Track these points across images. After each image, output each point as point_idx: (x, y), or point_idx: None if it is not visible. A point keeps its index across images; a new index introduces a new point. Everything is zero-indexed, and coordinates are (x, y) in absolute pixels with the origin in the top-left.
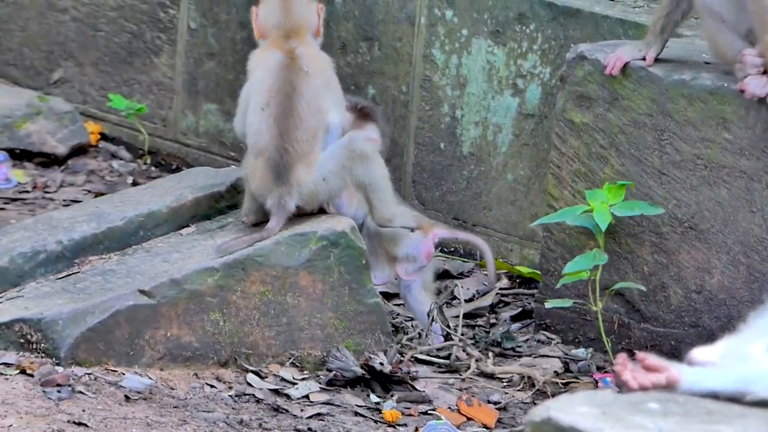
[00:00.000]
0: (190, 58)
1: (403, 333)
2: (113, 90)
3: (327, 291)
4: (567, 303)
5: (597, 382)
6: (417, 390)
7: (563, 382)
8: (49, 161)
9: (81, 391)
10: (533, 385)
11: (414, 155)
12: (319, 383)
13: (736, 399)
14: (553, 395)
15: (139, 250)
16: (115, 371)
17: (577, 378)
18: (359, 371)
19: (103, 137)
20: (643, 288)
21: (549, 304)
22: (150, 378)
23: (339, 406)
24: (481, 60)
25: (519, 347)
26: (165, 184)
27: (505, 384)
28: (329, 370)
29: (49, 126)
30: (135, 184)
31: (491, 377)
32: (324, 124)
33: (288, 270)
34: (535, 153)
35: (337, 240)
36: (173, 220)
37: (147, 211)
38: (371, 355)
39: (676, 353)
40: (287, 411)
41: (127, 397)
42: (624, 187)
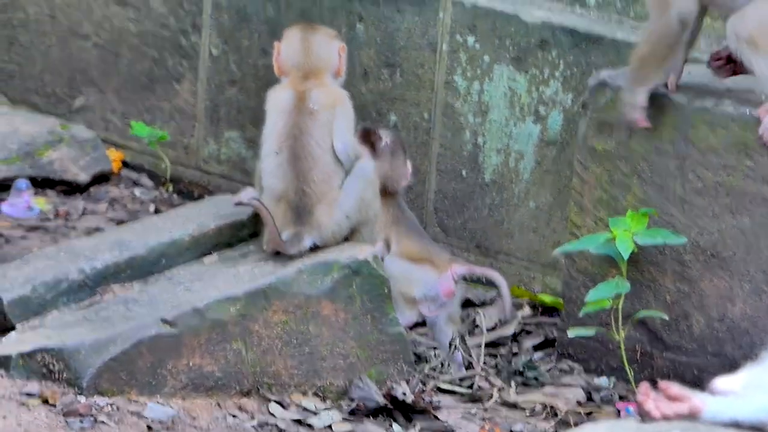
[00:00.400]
0: (211, 84)
1: (426, 362)
2: (135, 117)
3: (349, 320)
4: (590, 332)
5: (620, 411)
6: (439, 420)
7: (586, 411)
8: (71, 189)
9: (103, 421)
10: (556, 415)
11: (436, 182)
12: (342, 413)
13: (758, 428)
14: (576, 424)
15: (162, 278)
16: (138, 401)
17: (600, 407)
18: (382, 401)
19: (125, 165)
20: (666, 317)
21: (571, 332)
22: (172, 408)
23: None
24: (503, 87)
25: (541, 376)
26: (187, 212)
27: (528, 413)
28: (351, 399)
29: (71, 153)
30: (157, 212)
31: (514, 406)
32: (339, 162)
33: (310, 299)
34: (557, 180)
35: (360, 268)
36: (195, 248)
37: (169, 240)
38: (394, 385)
39: (698, 382)
40: None
41: (150, 427)
42: (647, 215)
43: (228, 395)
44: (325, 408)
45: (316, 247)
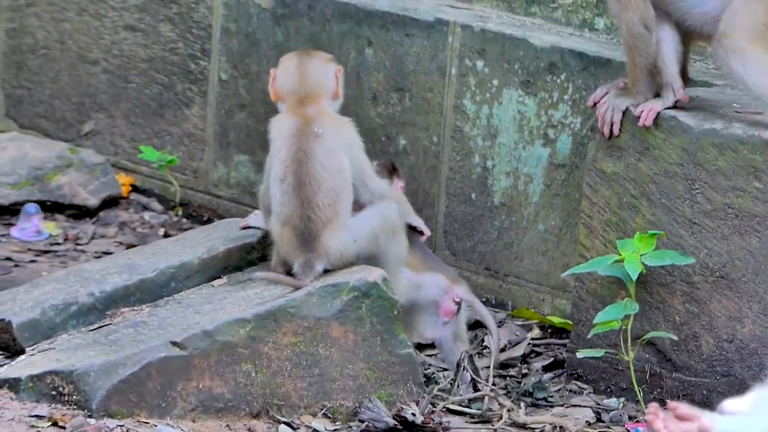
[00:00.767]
0: (221, 109)
1: (435, 383)
2: (144, 142)
3: (359, 342)
4: (599, 353)
5: (629, 431)
6: None
7: None
8: (81, 213)
9: None
10: None
11: (445, 206)
12: None
13: None
14: None
15: (171, 301)
16: (147, 423)
17: (609, 428)
18: (391, 422)
19: (135, 189)
20: (675, 337)
21: (581, 354)
22: (182, 430)
23: None
24: (512, 110)
25: (551, 397)
26: (196, 235)
27: None
28: (361, 420)
29: (81, 178)
30: (167, 235)
31: (523, 427)
32: (347, 183)
33: (320, 321)
34: (567, 203)
35: (369, 291)
36: (205, 271)
37: (179, 263)
38: (403, 406)
39: (707, 403)
40: None
41: None
42: (655, 237)
43: (238, 417)
44: (335, 429)
45: (325, 270)
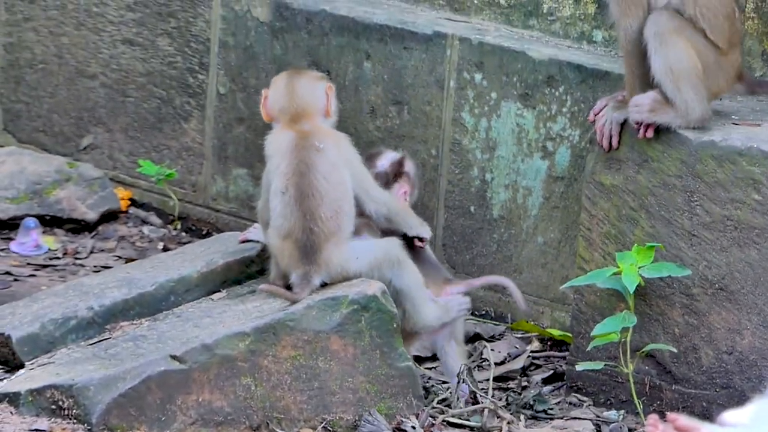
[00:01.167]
0: (219, 123)
1: (435, 396)
2: (143, 156)
3: (358, 355)
4: (598, 365)
5: None
6: None
7: None
8: (80, 227)
9: None
10: None
11: (444, 219)
12: None
13: None
14: None
15: (170, 315)
16: None
17: None
18: None
19: (133, 203)
20: (674, 349)
21: (580, 366)
22: None
23: None
24: (511, 123)
25: (551, 410)
26: (195, 249)
27: None
28: None
29: (79, 192)
30: (165, 249)
31: None
32: (349, 196)
33: (319, 334)
34: (565, 216)
35: (368, 304)
36: (204, 285)
37: (178, 277)
38: (403, 419)
39: (707, 415)
40: None
41: None
42: (653, 249)
43: (237, 430)
44: None
45: (324, 284)
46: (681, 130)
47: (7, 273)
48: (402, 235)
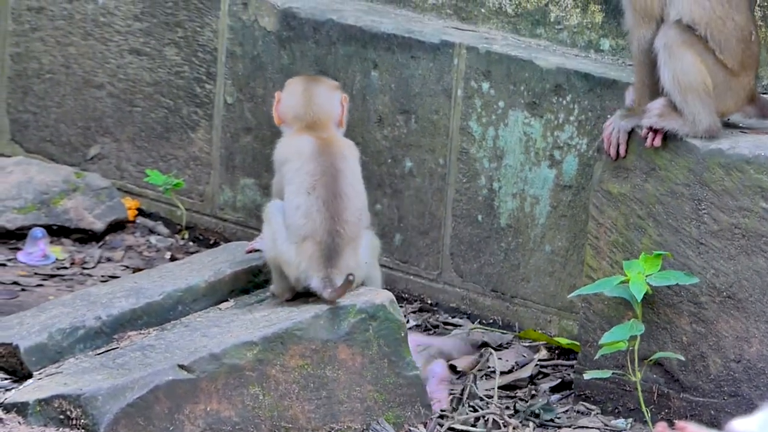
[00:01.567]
0: (226, 132)
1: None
2: (150, 165)
3: (366, 364)
4: (606, 374)
5: None
6: None
7: None
8: (87, 237)
9: None
10: None
11: (452, 227)
12: None
13: None
14: None
15: (178, 325)
16: None
17: None
18: None
19: (141, 213)
20: (682, 358)
21: (588, 375)
22: None
23: None
24: (518, 132)
25: (558, 418)
26: (203, 258)
27: None
28: None
29: (87, 202)
30: (173, 259)
31: None
32: (366, 205)
33: (327, 343)
34: (573, 224)
35: (376, 313)
36: (212, 294)
37: (185, 286)
38: (411, 428)
39: (715, 423)
40: None
41: None
42: (660, 257)
43: None
44: None
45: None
46: (689, 138)
47: (15, 283)
48: None
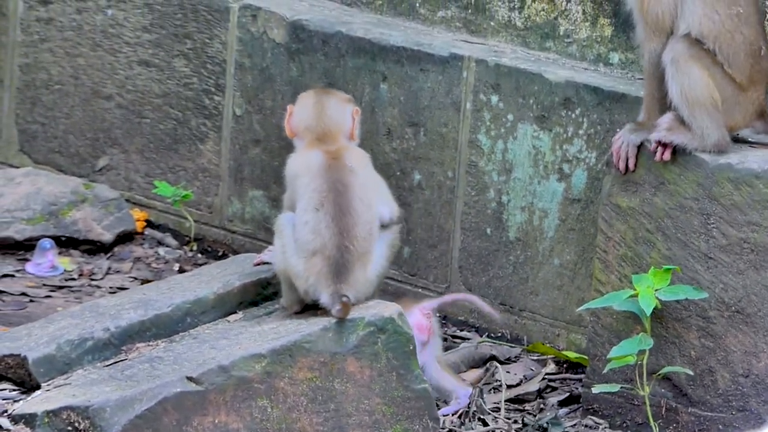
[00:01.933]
0: (235, 144)
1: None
2: (159, 177)
3: (375, 377)
4: (614, 388)
5: None
6: None
7: None
8: (95, 248)
9: None
10: None
11: (460, 240)
12: None
13: None
14: None
15: (187, 336)
16: None
17: None
18: None
19: (149, 224)
20: (691, 372)
21: (596, 389)
22: None
23: None
24: (527, 145)
25: None
26: (211, 270)
27: None
28: None
29: (95, 213)
30: (181, 271)
31: None
32: (376, 219)
33: (335, 356)
34: (582, 238)
35: (384, 326)
36: (220, 306)
37: (194, 298)
38: None
39: None
40: None
41: None
42: (669, 272)
43: None
44: None
45: None
46: (697, 153)
47: (23, 294)
48: None
